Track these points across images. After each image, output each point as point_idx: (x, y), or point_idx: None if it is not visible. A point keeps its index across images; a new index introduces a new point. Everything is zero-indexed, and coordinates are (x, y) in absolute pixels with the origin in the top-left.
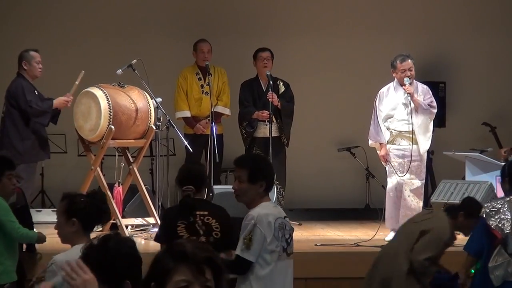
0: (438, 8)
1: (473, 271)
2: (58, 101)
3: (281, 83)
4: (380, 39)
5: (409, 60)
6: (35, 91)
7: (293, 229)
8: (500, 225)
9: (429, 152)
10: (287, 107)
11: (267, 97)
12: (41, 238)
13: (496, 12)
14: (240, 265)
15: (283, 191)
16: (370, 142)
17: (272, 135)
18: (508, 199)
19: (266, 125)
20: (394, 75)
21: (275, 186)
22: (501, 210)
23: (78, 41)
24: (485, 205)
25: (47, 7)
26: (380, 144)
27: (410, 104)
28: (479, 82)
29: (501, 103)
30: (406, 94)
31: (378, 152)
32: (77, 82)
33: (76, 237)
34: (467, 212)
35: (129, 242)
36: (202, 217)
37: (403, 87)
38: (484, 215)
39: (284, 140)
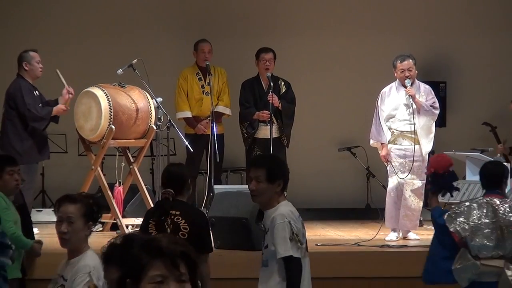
0: (439, 7)
1: None
2: (57, 109)
3: (283, 83)
4: (380, 38)
5: (410, 60)
6: (35, 92)
7: None
8: (459, 228)
9: (430, 152)
10: (288, 109)
11: (268, 99)
12: (35, 250)
13: (497, 11)
14: (298, 265)
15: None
16: (371, 142)
17: (273, 136)
18: (476, 200)
19: (267, 125)
20: (395, 74)
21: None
22: (462, 214)
23: (78, 41)
24: (451, 206)
25: (47, 7)
26: (382, 144)
27: (412, 105)
28: (480, 81)
29: (501, 102)
30: (407, 96)
31: (379, 152)
32: (63, 80)
33: (86, 241)
34: None
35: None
36: (172, 216)
37: (405, 89)
38: (446, 218)
39: (284, 140)
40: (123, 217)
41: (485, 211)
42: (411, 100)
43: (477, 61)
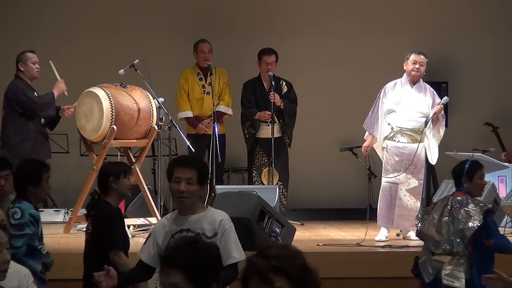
0: (441, 8)
1: None
2: (56, 90)
3: (284, 83)
4: (383, 38)
5: (423, 56)
6: (33, 93)
7: None
8: (420, 224)
9: None
10: (290, 108)
11: (269, 98)
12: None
13: (498, 12)
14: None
15: (286, 191)
16: (366, 134)
17: (274, 136)
18: (443, 198)
19: (268, 125)
20: (405, 67)
21: (277, 186)
22: (431, 209)
23: (80, 41)
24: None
25: (48, 8)
26: (369, 135)
27: (429, 119)
28: (482, 82)
29: (503, 103)
30: (429, 120)
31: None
32: (56, 72)
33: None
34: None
35: (215, 245)
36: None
37: (436, 108)
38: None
39: (286, 140)
40: (125, 217)
41: (442, 208)
42: (432, 120)
43: (479, 61)
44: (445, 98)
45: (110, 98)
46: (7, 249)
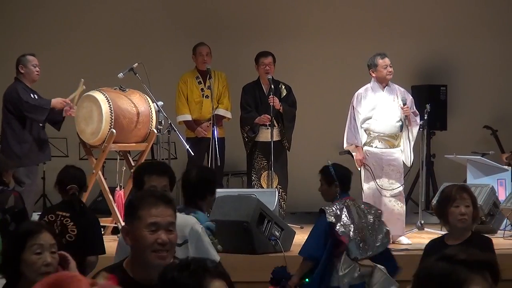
0: (440, 11)
1: (307, 280)
2: (56, 100)
3: (283, 87)
4: (381, 42)
5: (386, 58)
6: (33, 95)
7: None
8: (345, 230)
9: (431, 155)
10: (289, 112)
11: (269, 101)
12: None
13: (497, 15)
14: None
15: (285, 194)
16: (345, 145)
17: (274, 139)
18: (344, 202)
19: (268, 129)
20: (374, 74)
21: (276, 189)
22: (342, 216)
23: (79, 45)
24: (327, 211)
25: (47, 11)
26: (357, 147)
27: (405, 123)
28: (481, 85)
29: (502, 106)
30: (403, 115)
31: (353, 155)
32: (76, 93)
33: None
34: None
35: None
36: (62, 218)
37: (402, 108)
38: (328, 221)
39: (285, 144)
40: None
41: (357, 213)
42: (406, 121)
43: (477, 64)
44: (403, 98)
45: (109, 102)
46: (51, 252)
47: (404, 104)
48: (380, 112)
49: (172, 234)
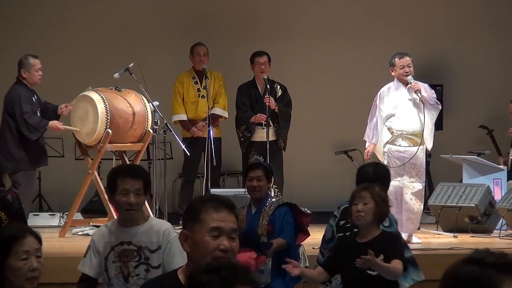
0: (436, 11)
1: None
2: (52, 124)
3: (279, 87)
4: (377, 42)
5: (407, 57)
6: (33, 98)
7: None
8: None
9: (427, 155)
10: (285, 112)
11: (264, 101)
12: None
13: (493, 15)
14: None
15: (281, 194)
16: (367, 143)
17: (269, 139)
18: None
19: (263, 128)
20: (393, 73)
21: (272, 189)
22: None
23: (75, 45)
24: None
25: (45, 11)
26: (371, 142)
27: (419, 100)
28: (476, 84)
29: (498, 105)
30: (414, 94)
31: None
32: (73, 128)
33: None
34: None
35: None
36: None
37: (409, 85)
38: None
39: (281, 143)
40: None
41: None
42: (419, 94)
43: (473, 64)
44: (409, 77)
45: (105, 102)
46: (37, 257)
47: (411, 83)
48: (402, 110)
49: (234, 242)
